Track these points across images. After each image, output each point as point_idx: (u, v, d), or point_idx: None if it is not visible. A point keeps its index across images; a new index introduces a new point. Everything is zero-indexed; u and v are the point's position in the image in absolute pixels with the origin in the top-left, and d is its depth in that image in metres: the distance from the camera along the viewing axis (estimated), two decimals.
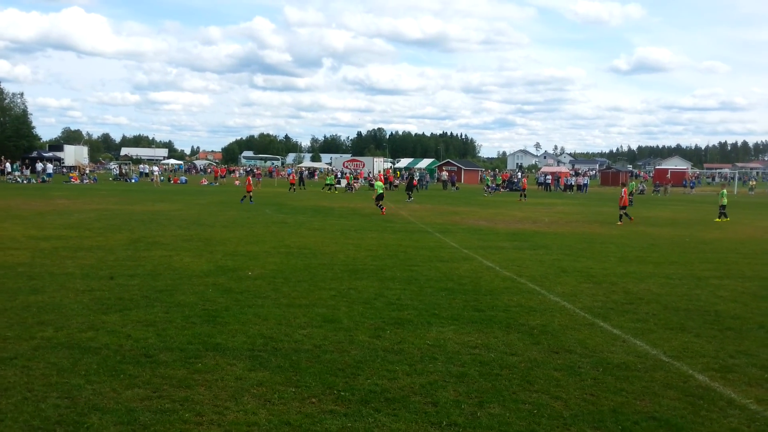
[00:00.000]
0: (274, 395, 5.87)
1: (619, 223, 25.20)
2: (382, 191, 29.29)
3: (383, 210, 27.63)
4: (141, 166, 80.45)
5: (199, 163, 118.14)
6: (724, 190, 29.68)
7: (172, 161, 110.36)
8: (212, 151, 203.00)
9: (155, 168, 69.67)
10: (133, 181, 62.73)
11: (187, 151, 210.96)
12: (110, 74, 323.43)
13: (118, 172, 69.81)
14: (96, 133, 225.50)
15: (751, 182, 73.25)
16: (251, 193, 33.83)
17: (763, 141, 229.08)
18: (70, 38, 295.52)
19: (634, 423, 5.48)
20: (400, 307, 9.48)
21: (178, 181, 62.19)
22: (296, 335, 7.85)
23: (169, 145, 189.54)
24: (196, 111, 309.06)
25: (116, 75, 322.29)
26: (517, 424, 5.41)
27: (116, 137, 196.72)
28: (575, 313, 9.47)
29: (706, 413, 5.75)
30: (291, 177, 51.33)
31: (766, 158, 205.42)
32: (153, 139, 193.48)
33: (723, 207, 28.02)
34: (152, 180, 58.85)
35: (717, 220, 27.56)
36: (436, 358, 7.11)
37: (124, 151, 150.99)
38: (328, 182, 50.43)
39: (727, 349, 7.74)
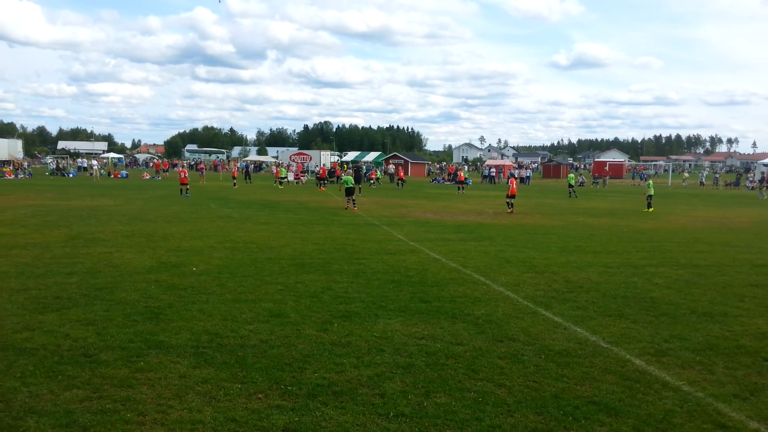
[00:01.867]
0: (220, 392, 5.80)
1: (509, 210, 26.45)
2: (351, 185, 27.91)
3: (352, 206, 26.61)
4: (79, 160, 77.67)
5: (141, 157, 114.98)
6: (651, 182, 30.96)
7: (112, 155, 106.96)
8: (154, 144, 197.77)
9: (94, 162, 67.25)
10: (70, 175, 60.57)
11: (128, 145, 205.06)
12: (45, 65, 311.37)
13: (55, 166, 67.21)
14: (31, 126, 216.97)
15: (684, 174, 76.35)
16: (187, 186, 33.19)
17: (695, 134, 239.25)
18: (1, 27, 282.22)
19: (575, 407, 5.66)
20: (347, 300, 9.49)
21: (119, 176, 60.36)
22: (242, 331, 7.76)
23: (108, 139, 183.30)
24: (137, 103, 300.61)
25: (51, 66, 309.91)
26: (462, 412, 5.51)
27: (52, 130, 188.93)
28: (518, 302, 9.69)
29: (642, 396, 5.99)
30: (234, 170, 50.23)
31: (697, 151, 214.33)
32: (92, 132, 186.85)
33: (650, 197, 29.19)
34: (91, 174, 56.93)
35: (647, 210, 28.59)
36: (384, 350, 7.15)
37: (61, 144, 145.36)
38: (282, 176, 49.22)
39: (661, 334, 8.07)
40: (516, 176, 43.85)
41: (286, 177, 48.99)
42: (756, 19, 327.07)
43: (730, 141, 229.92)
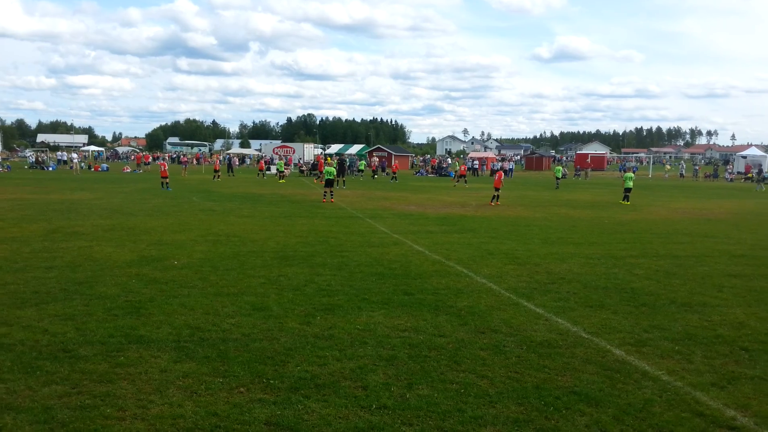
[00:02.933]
0: (201, 386, 5.77)
1: (492, 203, 26.56)
2: (332, 177, 27.73)
3: (329, 199, 26.48)
4: (59, 153, 76.55)
5: (122, 150, 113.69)
6: (630, 174, 31.17)
7: (93, 148, 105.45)
8: (135, 137, 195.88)
9: (74, 155, 66.50)
10: (50, 169, 59.65)
11: (109, 138, 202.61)
12: (23, 56, 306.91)
13: (34, 159, 66.19)
14: (9, 118, 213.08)
15: (666, 166, 77.12)
16: (167, 180, 32.94)
17: (675, 126, 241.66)
18: None
19: (556, 398, 5.71)
20: (330, 293, 9.47)
21: (99, 169, 59.59)
22: (224, 324, 7.72)
23: (89, 131, 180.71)
24: (117, 95, 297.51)
25: (30, 57, 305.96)
26: (444, 403, 5.53)
27: (32, 123, 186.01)
28: (501, 293, 9.74)
29: (622, 386, 6.05)
30: (216, 163, 49.63)
31: (678, 143, 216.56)
32: (72, 125, 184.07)
33: (628, 190, 29.19)
34: (71, 168, 56.22)
35: (623, 202, 28.70)
36: (366, 343, 7.15)
37: (40, 137, 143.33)
38: (279, 169, 48.42)
39: (641, 325, 8.15)
40: (501, 168, 43.94)
41: (283, 171, 48.22)
42: (735, 13, 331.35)
43: (709, 133, 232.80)
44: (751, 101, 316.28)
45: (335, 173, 28.21)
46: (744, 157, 70.30)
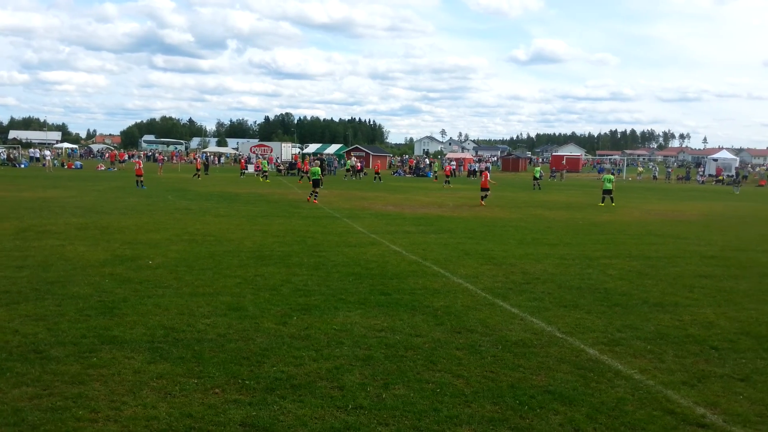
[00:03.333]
0: (175, 387, 5.71)
1: (482, 203, 26.92)
2: (317, 177, 27.52)
3: (313, 199, 26.25)
4: (31, 150, 75.24)
5: (96, 147, 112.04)
6: (610, 175, 31.54)
7: (66, 145, 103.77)
8: (110, 134, 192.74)
9: (47, 152, 65.37)
10: (22, 166, 58.62)
11: (83, 135, 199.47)
12: None
13: (5, 156, 64.88)
14: None
15: (639, 168, 78.27)
16: (141, 178, 32.59)
17: (649, 129, 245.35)
18: None
19: (531, 397, 5.76)
20: (307, 293, 9.44)
21: (73, 166, 58.72)
22: (199, 325, 7.65)
23: (62, 128, 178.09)
24: (92, 92, 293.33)
25: (2, 52, 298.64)
26: (420, 403, 5.55)
27: (4, 119, 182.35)
28: (477, 293, 9.80)
29: (595, 384, 6.13)
30: (197, 162, 49.07)
31: (651, 146, 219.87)
32: (45, 121, 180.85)
33: (608, 191, 29.19)
34: (44, 165, 55.21)
35: (600, 204, 28.85)
36: (343, 343, 7.15)
37: (12, 134, 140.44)
38: (264, 169, 48.04)
39: (615, 324, 8.26)
40: (486, 169, 44.31)
41: (267, 170, 47.84)
42: (708, 18, 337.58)
43: (682, 136, 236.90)
44: (722, 105, 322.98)
45: (320, 173, 28.12)
46: (715, 159, 71.67)
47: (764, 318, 8.80)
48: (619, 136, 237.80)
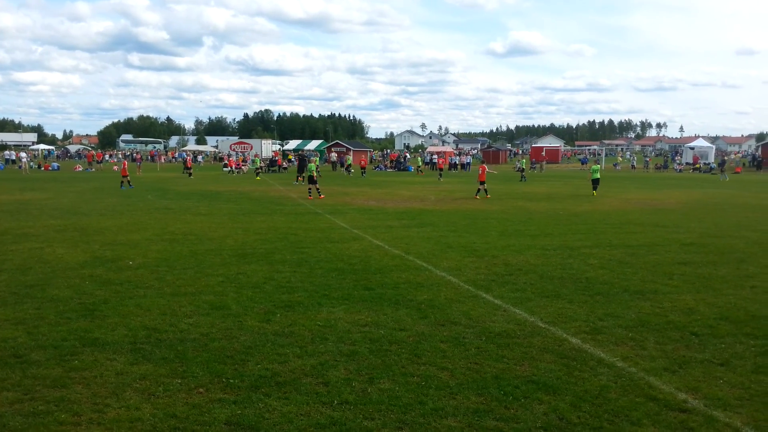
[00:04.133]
0: (159, 388, 5.66)
1: (477, 197, 26.86)
2: (311, 173, 27.35)
3: (317, 195, 26.19)
4: (7, 152, 74.08)
5: (73, 148, 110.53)
6: (596, 165, 31.76)
7: (43, 146, 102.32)
8: (87, 135, 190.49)
9: (23, 154, 64.37)
10: None
11: (60, 136, 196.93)
12: None
13: None
14: None
15: (618, 158, 79.02)
16: (128, 178, 32.26)
17: (626, 119, 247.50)
18: None
19: (515, 387, 5.80)
20: (290, 290, 9.42)
21: (50, 168, 57.89)
22: (182, 324, 7.60)
23: (38, 130, 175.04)
24: (67, 92, 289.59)
25: None
26: (406, 396, 5.56)
27: None
28: (460, 286, 9.84)
29: (578, 373, 6.19)
30: (188, 160, 48.52)
31: (629, 135, 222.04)
32: (20, 123, 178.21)
33: (597, 181, 29.57)
34: (20, 167, 54.40)
35: (595, 193, 28.99)
36: (327, 339, 7.14)
37: None
38: (257, 165, 47.84)
39: (596, 313, 8.35)
40: (483, 162, 44.34)
41: (261, 167, 47.56)
42: (683, 9, 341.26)
43: (659, 125, 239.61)
44: (697, 94, 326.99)
45: (314, 169, 28.02)
46: (692, 148, 72.56)
47: (742, 303, 8.94)
48: (597, 126, 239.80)
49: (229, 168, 50.88)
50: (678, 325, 7.81)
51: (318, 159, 42.39)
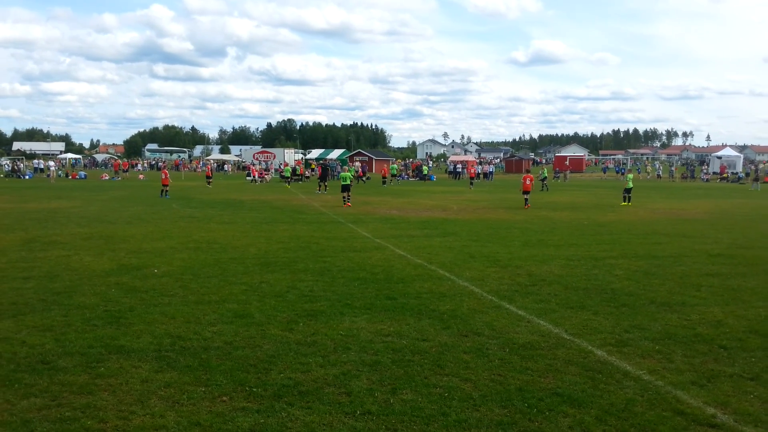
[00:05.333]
0: (183, 396, 5.70)
1: (526, 207, 26.29)
2: (348, 182, 27.87)
3: (347, 204, 26.67)
4: (35, 161, 75.59)
5: (100, 157, 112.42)
6: (631, 175, 31.56)
7: (70, 155, 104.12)
8: (113, 144, 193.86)
9: (51, 163, 65.62)
10: (27, 177, 58.82)
11: (86, 145, 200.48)
12: None
13: (10, 168, 65.25)
14: None
15: (647, 167, 78.15)
16: (167, 187, 32.66)
17: (652, 128, 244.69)
18: None
19: (539, 399, 5.73)
20: (312, 299, 9.44)
21: (77, 177, 58.94)
22: (206, 333, 7.65)
23: (66, 139, 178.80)
24: (94, 102, 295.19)
25: (3, 64, 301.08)
26: (428, 408, 5.53)
27: (7, 131, 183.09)
28: (483, 296, 9.78)
29: (604, 386, 6.10)
30: (207, 169, 49.12)
31: (654, 144, 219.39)
32: (48, 132, 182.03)
33: (628, 191, 29.41)
34: (48, 176, 55.46)
35: (624, 204, 28.78)
36: (350, 348, 7.13)
37: (16, 145, 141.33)
38: (286, 174, 48.64)
39: (622, 325, 8.23)
40: (527, 172, 44.17)
41: (289, 177, 47.96)
42: (707, 16, 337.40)
43: (685, 134, 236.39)
44: (724, 103, 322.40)
45: (350, 178, 28.38)
46: (719, 157, 71.49)
47: None
48: (621, 135, 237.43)
49: (252, 177, 51.40)
50: (706, 338, 7.66)
51: (353, 169, 42.67)
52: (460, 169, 66.18)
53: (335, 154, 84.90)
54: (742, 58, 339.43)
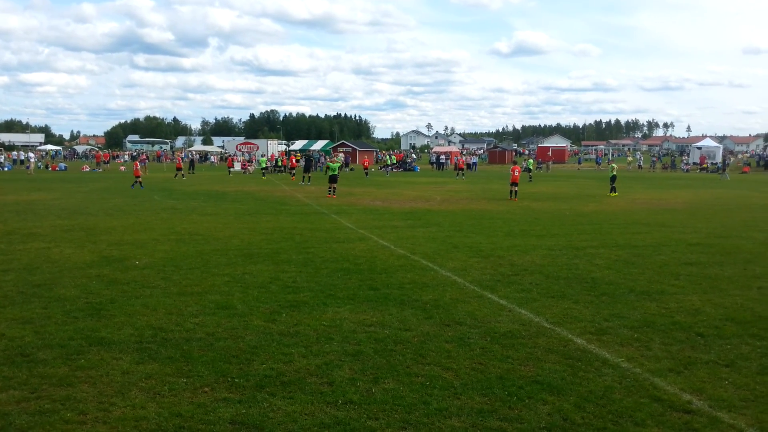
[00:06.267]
0: (164, 387, 5.69)
1: (515, 199, 26.12)
2: (335, 173, 27.84)
3: (332, 195, 26.61)
4: (14, 152, 74.48)
5: (80, 149, 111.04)
6: (614, 165, 31.77)
7: (50, 147, 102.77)
8: (94, 135, 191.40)
9: (31, 154, 64.67)
10: (5, 169, 58.01)
11: (67, 136, 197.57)
12: None
13: None
14: None
15: (628, 158, 78.80)
16: (140, 179, 32.43)
17: (633, 119, 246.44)
18: None
19: (519, 388, 5.80)
20: (296, 290, 9.44)
21: (57, 168, 58.22)
22: (188, 324, 7.63)
23: (45, 130, 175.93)
24: (74, 93, 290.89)
25: None
26: (410, 396, 5.57)
27: None
28: (465, 286, 9.84)
29: (583, 374, 6.18)
30: (178, 161, 48.60)
31: (636, 135, 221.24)
32: (27, 123, 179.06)
33: (613, 179, 29.52)
34: (28, 167, 54.65)
35: (611, 195, 28.88)
36: (332, 339, 7.16)
37: None
38: (262, 165, 48.94)
39: (602, 313, 8.33)
40: (515, 163, 44.19)
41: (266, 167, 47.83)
42: (688, 8, 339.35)
43: (666, 125, 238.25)
44: (703, 94, 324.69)
45: (337, 169, 28.34)
46: (699, 148, 72.24)
47: (749, 304, 8.91)
48: (603, 126, 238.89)
49: (229, 168, 50.90)
50: (684, 326, 7.79)
51: (339, 159, 42.69)
52: (443, 160, 66.24)
53: (319, 145, 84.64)
54: (722, 49, 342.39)
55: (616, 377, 6.10)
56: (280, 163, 53.21)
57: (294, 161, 46.68)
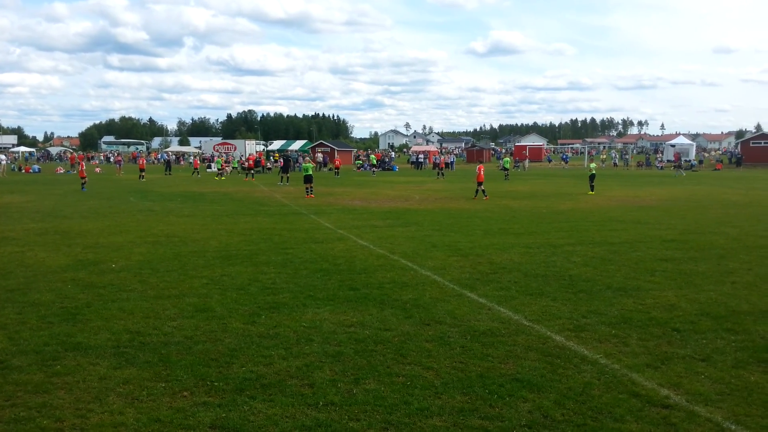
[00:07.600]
0: (143, 392, 5.62)
1: (475, 198, 26.15)
2: (310, 173, 28.03)
3: (310, 195, 26.73)
4: None
5: (54, 150, 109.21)
6: (593, 164, 32.06)
7: (23, 149, 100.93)
8: (68, 136, 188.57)
9: (2, 156, 63.33)
10: None
11: (40, 138, 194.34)
12: None
13: None
14: None
15: (601, 156, 79.67)
16: (84, 180, 32.44)
17: (608, 117, 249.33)
18: None
19: (500, 386, 5.83)
20: (275, 291, 9.39)
21: (30, 170, 57.21)
22: (165, 328, 7.55)
23: (18, 132, 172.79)
24: (47, 93, 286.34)
25: None
26: (391, 397, 5.57)
27: None
28: (445, 285, 9.87)
29: (562, 371, 6.24)
30: (141, 162, 47.68)
31: (611, 133, 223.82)
32: None
33: (591, 178, 29.83)
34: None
35: (590, 193, 29.06)
36: (312, 340, 7.13)
37: None
38: (234, 165, 48.93)
39: (580, 310, 8.41)
40: (480, 162, 44.21)
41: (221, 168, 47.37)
42: (661, 8, 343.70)
43: (640, 123, 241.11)
44: (677, 92, 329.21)
45: (311, 169, 28.48)
46: (673, 145, 73.24)
47: (723, 299, 9.06)
48: (579, 124, 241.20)
49: (194, 169, 49.46)
50: (660, 322, 7.90)
51: (309, 160, 42.45)
52: (422, 159, 66.36)
53: (297, 145, 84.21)
54: (694, 49, 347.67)
55: (594, 373, 6.16)
56: (259, 164, 52.75)
57: (252, 162, 46.58)
